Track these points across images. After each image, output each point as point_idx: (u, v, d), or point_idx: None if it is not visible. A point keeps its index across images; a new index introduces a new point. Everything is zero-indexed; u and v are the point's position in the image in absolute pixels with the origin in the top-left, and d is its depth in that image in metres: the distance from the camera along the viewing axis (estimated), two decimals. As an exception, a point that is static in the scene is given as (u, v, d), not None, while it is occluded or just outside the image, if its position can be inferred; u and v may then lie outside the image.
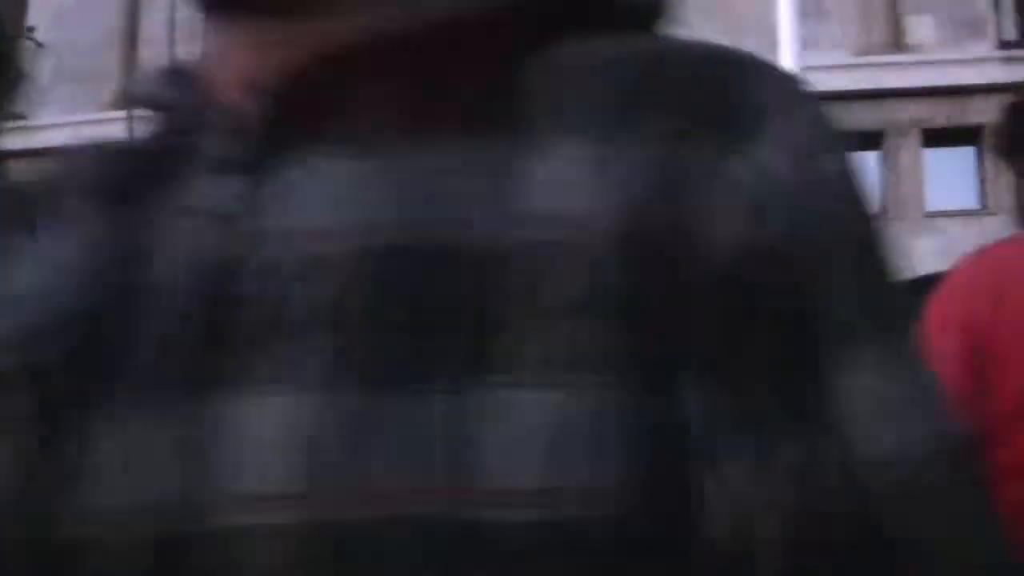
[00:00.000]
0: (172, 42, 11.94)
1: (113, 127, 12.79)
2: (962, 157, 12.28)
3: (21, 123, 13.50)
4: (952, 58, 11.71)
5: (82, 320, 0.46)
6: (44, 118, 13.78)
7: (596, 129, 0.46)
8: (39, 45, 14.15)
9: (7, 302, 0.50)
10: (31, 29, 14.14)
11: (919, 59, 11.95)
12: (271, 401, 0.42)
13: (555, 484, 0.40)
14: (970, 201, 12.20)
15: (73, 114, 13.86)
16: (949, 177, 12.11)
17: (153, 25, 13.55)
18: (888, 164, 12.11)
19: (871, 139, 12.15)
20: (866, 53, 12.29)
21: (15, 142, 13.52)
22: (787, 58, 4.67)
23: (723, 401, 0.43)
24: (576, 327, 0.42)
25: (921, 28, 12.18)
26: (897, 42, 12.23)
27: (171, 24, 10.59)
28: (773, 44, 4.79)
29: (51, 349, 0.46)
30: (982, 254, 2.00)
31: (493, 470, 0.40)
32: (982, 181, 12.12)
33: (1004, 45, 11.87)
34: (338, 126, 0.47)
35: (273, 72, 0.48)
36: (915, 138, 11.98)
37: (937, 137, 12.15)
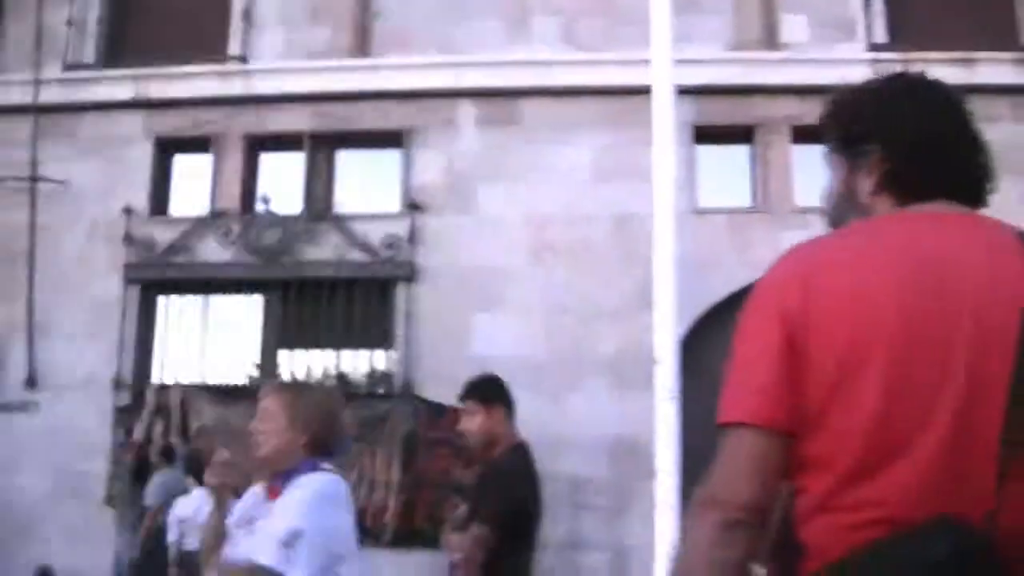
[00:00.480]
0: (40, 7, 11.60)
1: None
2: (830, 155, 12.46)
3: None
4: (823, 58, 11.88)
5: None
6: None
7: None
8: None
9: None
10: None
11: (791, 57, 12.11)
12: None
13: None
14: (837, 198, 12.39)
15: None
16: (818, 173, 12.29)
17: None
18: (758, 159, 12.26)
19: (742, 134, 12.30)
20: (739, 49, 12.41)
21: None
22: (661, 51, 4.67)
23: None
24: None
25: (794, 27, 12.35)
26: (770, 39, 12.37)
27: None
28: (648, 37, 4.79)
29: None
30: (800, 248, 2.07)
31: None
32: (849, 179, 12.30)
33: (873, 48, 12.09)
34: None
35: None
36: (785, 134, 12.15)
37: (807, 134, 12.33)
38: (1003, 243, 1.96)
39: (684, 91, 4.98)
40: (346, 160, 13.08)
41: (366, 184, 12.95)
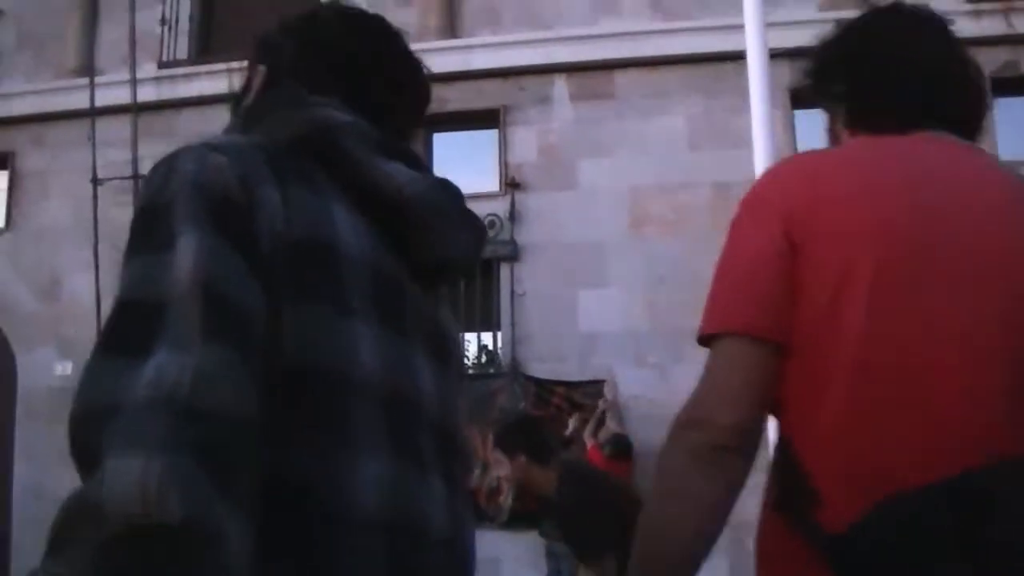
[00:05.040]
0: (133, 7, 11.77)
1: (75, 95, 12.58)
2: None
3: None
4: (920, 11, 11.62)
5: None
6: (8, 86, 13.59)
7: None
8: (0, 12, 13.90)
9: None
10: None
11: (887, 12, 11.87)
12: None
13: None
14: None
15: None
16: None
17: (114, -3, 13.32)
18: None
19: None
20: (833, 9, 12.20)
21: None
22: (751, 14, 4.59)
23: None
24: None
25: (888, -18, 12.10)
26: (864, -4, 12.14)
27: (130, -5, 10.39)
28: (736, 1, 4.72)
29: None
30: (797, 155, 1.81)
31: None
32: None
33: (971, -3, 11.80)
34: None
35: None
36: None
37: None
38: (991, 165, 1.73)
39: (777, 54, 4.90)
40: (442, 142, 13.12)
41: (463, 165, 12.97)
